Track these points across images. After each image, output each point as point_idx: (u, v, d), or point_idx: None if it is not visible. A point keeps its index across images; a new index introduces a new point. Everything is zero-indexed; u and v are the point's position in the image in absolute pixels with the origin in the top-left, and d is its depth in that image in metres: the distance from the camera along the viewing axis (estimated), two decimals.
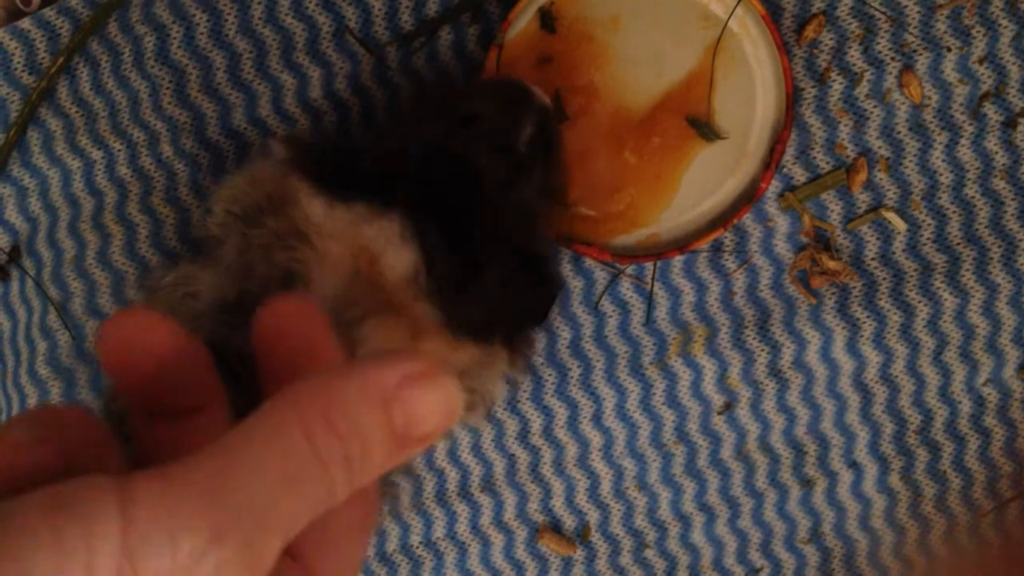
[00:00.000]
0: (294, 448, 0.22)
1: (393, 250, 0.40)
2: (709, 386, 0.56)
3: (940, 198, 0.54)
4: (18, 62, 0.57)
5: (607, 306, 0.56)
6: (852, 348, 0.55)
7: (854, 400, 0.55)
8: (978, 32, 0.52)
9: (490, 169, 0.44)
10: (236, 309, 0.41)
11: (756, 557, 0.57)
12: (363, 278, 0.41)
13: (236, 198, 0.43)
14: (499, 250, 0.44)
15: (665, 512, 0.57)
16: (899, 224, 0.54)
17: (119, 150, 0.56)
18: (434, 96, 0.52)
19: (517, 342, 0.46)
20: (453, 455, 0.58)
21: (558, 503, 0.58)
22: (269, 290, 0.40)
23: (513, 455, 0.57)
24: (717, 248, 0.55)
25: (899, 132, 0.54)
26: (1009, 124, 0.53)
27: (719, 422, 0.56)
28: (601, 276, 0.55)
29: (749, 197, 0.52)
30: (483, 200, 0.44)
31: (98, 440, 0.24)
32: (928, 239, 0.54)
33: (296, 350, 0.27)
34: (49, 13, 0.56)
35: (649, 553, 0.58)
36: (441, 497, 0.58)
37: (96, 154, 0.57)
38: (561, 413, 0.57)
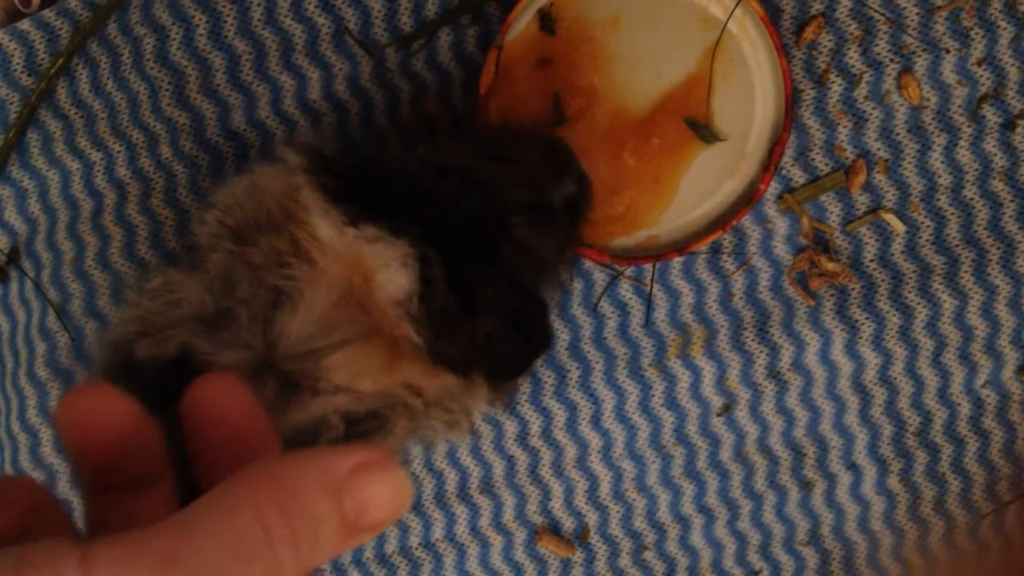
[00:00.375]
0: (245, 528, 0.23)
1: (390, 272, 0.40)
2: (708, 388, 0.56)
3: (939, 200, 0.54)
4: (17, 63, 0.57)
5: (606, 308, 0.56)
6: (851, 350, 0.55)
7: (853, 402, 0.55)
8: (977, 34, 0.53)
9: (520, 210, 0.44)
10: (214, 323, 0.40)
11: (755, 559, 0.57)
12: (352, 299, 0.40)
13: (231, 209, 0.43)
14: (498, 297, 0.43)
15: (664, 514, 0.57)
16: (898, 226, 0.54)
17: (118, 151, 0.56)
18: (469, 127, 0.51)
19: (498, 382, 0.46)
20: (452, 457, 0.58)
21: (557, 505, 0.58)
22: (251, 308, 0.40)
23: (512, 457, 0.57)
24: (716, 250, 0.55)
25: (898, 134, 0.54)
26: (1008, 126, 0.53)
27: (718, 424, 0.56)
28: (600, 278, 0.55)
29: (748, 199, 0.52)
30: (501, 240, 0.44)
31: (49, 507, 0.26)
32: (927, 241, 0.54)
33: (226, 432, 0.28)
34: (48, 14, 0.56)
35: (648, 555, 0.58)
36: (440, 499, 0.58)
37: (95, 155, 0.57)
38: (560, 415, 0.57)
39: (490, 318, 0.43)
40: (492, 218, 0.43)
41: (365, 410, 0.41)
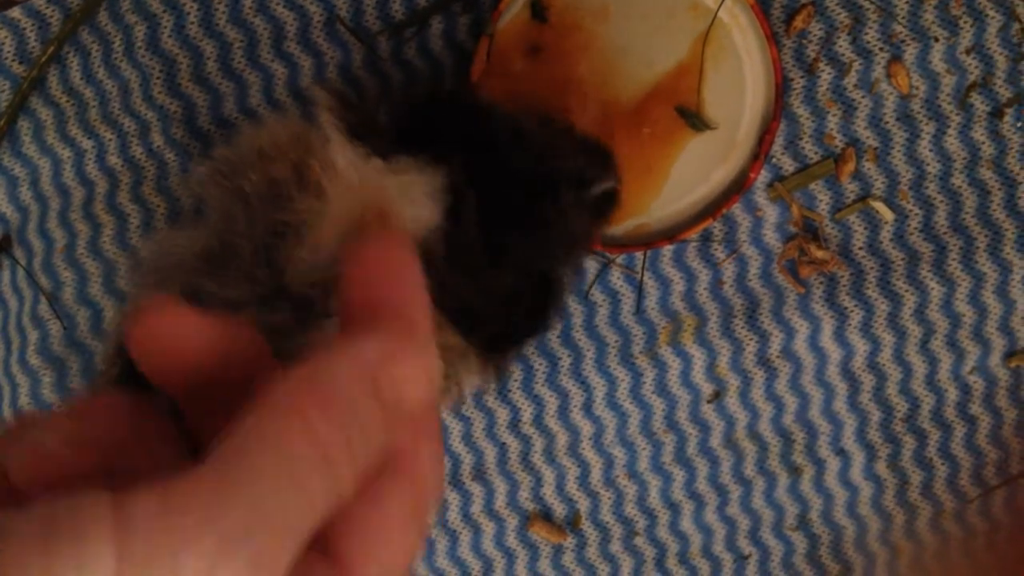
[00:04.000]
0: (296, 446, 0.20)
1: (416, 203, 0.39)
2: (698, 375, 0.56)
3: (927, 188, 0.54)
4: (8, 51, 0.57)
5: (597, 295, 0.56)
6: (840, 337, 0.55)
7: (841, 388, 0.56)
8: (965, 23, 0.53)
9: (571, 179, 0.43)
10: (218, 261, 0.39)
11: (744, 544, 0.58)
12: (363, 233, 0.39)
13: (227, 157, 0.42)
14: (529, 256, 0.43)
15: (655, 500, 0.58)
16: (886, 214, 0.55)
17: (110, 140, 0.56)
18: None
19: (496, 351, 0.45)
20: (444, 444, 0.58)
21: (549, 491, 0.58)
22: (252, 241, 0.39)
23: (504, 444, 0.58)
24: (706, 238, 0.55)
25: (887, 122, 0.54)
26: (996, 114, 0.54)
27: (708, 410, 0.57)
28: (591, 266, 0.56)
29: (738, 187, 0.52)
30: (545, 202, 0.43)
31: (147, 432, 0.23)
32: (915, 229, 0.55)
33: (225, 368, 0.24)
34: (39, 2, 0.56)
35: (639, 540, 0.58)
36: None
37: (87, 144, 0.57)
38: (552, 402, 0.57)
39: (514, 275, 0.42)
40: (539, 179, 0.43)
41: None
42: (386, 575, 0.23)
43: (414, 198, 0.39)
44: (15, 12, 0.56)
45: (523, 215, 0.43)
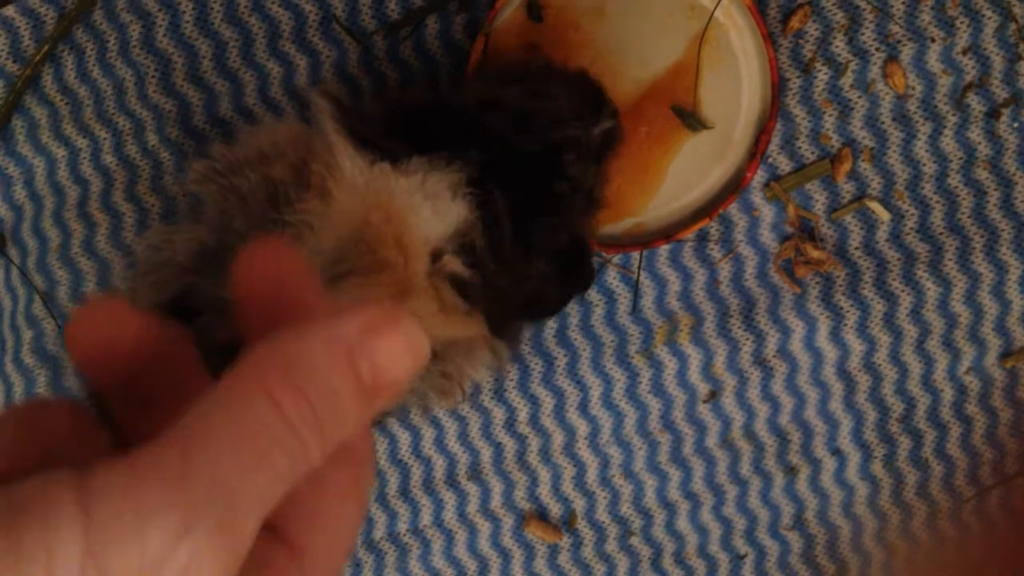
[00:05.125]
0: (261, 417, 0.20)
1: (437, 201, 0.39)
2: (694, 375, 0.56)
3: (923, 188, 0.54)
4: (2, 50, 0.56)
5: (593, 295, 0.56)
6: (836, 337, 0.55)
7: (837, 388, 0.56)
8: (962, 23, 0.53)
9: (572, 146, 0.44)
10: (215, 259, 0.39)
11: (740, 543, 0.58)
12: (366, 235, 0.40)
13: (224, 155, 0.42)
14: (552, 236, 0.43)
15: (651, 500, 0.58)
16: (883, 214, 0.55)
17: (104, 138, 0.56)
18: (506, 69, 0.50)
19: (507, 330, 0.45)
20: (440, 443, 0.58)
21: (544, 491, 0.58)
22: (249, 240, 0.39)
23: (500, 443, 0.58)
24: (703, 237, 0.55)
25: (883, 122, 0.54)
26: (992, 115, 0.54)
27: (704, 410, 0.57)
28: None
29: (735, 187, 0.52)
30: (553, 177, 0.43)
31: (82, 429, 0.23)
32: (911, 229, 0.55)
33: (278, 297, 0.25)
34: (34, 1, 0.56)
35: (635, 540, 0.58)
36: (428, 485, 0.58)
37: (82, 142, 0.56)
38: (548, 402, 0.57)
39: (542, 258, 0.42)
40: (542, 154, 0.43)
41: None
42: (333, 554, 0.23)
43: (433, 197, 0.39)
44: (9, 10, 0.56)
45: (538, 196, 0.43)
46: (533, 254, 0.42)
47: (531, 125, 0.43)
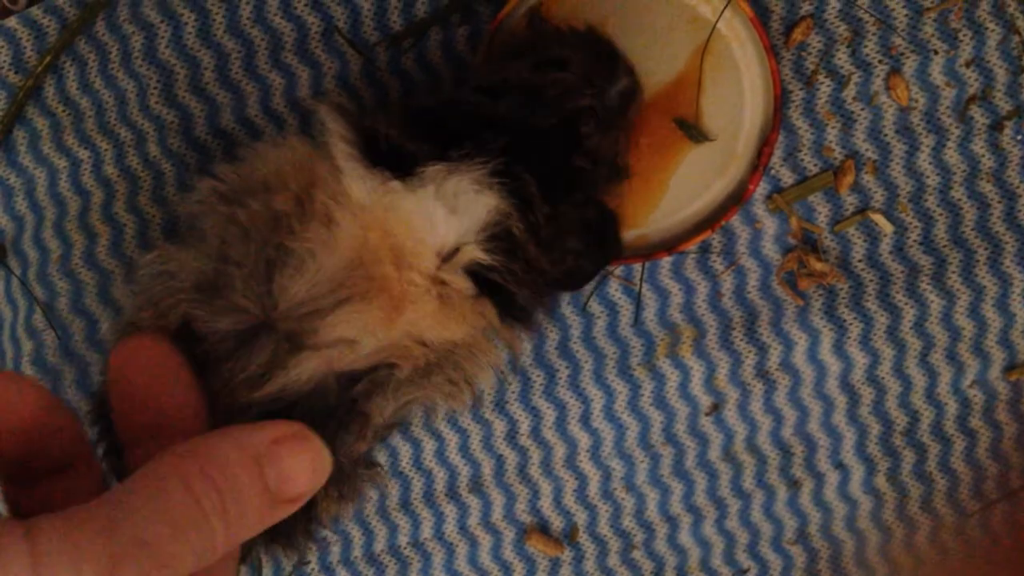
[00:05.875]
0: (177, 499, 0.25)
1: (461, 202, 0.39)
2: (697, 387, 0.56)
3: (927, 200, 0.54)
4: (4, 60, 0.56)
5: (595, 307, 0.56)
6: (839, 349, 0.55)
7: (841, 401, 0.56)
8: (965, 35, 0.53)
9: (587, 116, 0.43)
10: (211, 289, 0.39)
11: (743, 558, 0.57)
12: (364, 257, 0.39)
13: (227, 175, 0.42)
14: (579, 211, 0.43)
15: (653, 513, 0.57)
16: (886, 226, 0.54)
17: (106, 149, 0.56)
18: (513, 43, 0.50)
19: (519, 314, 0.44)
20: (441, 456, 0.58)
21: (546, 504, 0.58)
22: (245, 270, 0.39)
23: (501, 456, 0.57)
24: (705, 249, 0.55)
25: (886, 134, 0.54)
26: (995, 127, 0.53)
27: (707, 423, 0.56)
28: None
29: (737, 199, 0.52)
30: (572, 150, 0.43)
31: (61, 411, 0.28)
32: (915, 241, 0.54)
33: (149, 391, 0.30)
34: (36, 12, 0.56)
35: (637, 554, 0.58)
36: (429, 498, 0.58)
37: (83, 153, 0.56)
38: (549, 414, 0.57)
39: (573, 235, 0.42)
40: (559, 129, 0.43)
41: (367, 365, 0.40)
42: None
43: (452, 197, 0.39)
44: (12, 21, 0.56)
45: (560, 172, 0.42)
46: (564, 231, 0.42)
47: (542, 100, 0.43)
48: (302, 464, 0.27)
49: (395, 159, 0.40)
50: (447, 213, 0.39)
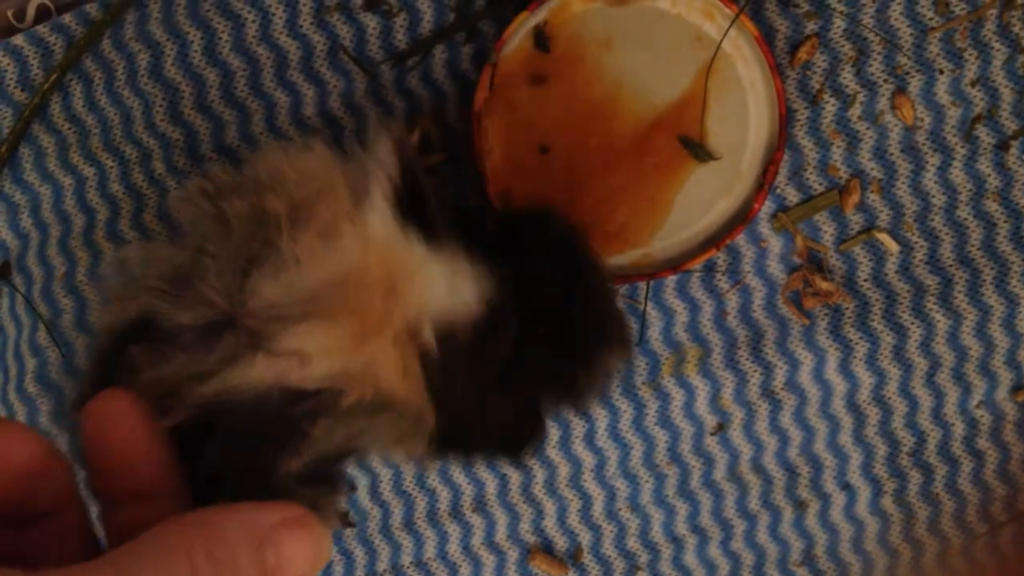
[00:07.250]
0: (179, 566, 0.25)
1: (458, 284, 0.39)
2: (702, 407, 0.56)
3: (932, 220, 0.54)
4: (11, 78, 0.57)
5: None
6: (845, 369, 0.55)
7: (847, 422, 0.55)
8: (970, 55, 0.53)
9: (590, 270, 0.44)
10: (181, 282, 0.38)
11: None
12: (351, 281, 0.38)
13: (217, 176, 0.41)
14: (538, 382, 0.42)
15: (657, 534, 0.57)
16: (892, 245, 0.54)
17: (111, 167, 0.56)
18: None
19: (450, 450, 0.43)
20: (444, 475, 0.57)
21: (550, 524, 0.57)
22: (220, 264, 0.38)
23: (505, 475, 0.57)
24: (710, 268, 0.55)
25: (892, 154, 0.54)
26: (1001, 147, 0.53)
27: (712, 443, 0.56)
28: None
29: (742, 217, 0.52)
30: (569, 308, 0.42)
31: (59, 466, 0.28)
32: (921, 261, 0.54)
33: (123, 449, 0.31)
34: (42, 30, 0.56)
35: (641, 575, 0.57)
36: (432, 517, 0.58)
37: (88, 171, 0.57)
38: (553, 433, 0.56)
39: (514, 405, 0.42)
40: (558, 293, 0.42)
41: (314, 387, 0.37)
42: None
43: (453, 276, 0.39)
44: (18, 39, 0.56)
45: (549, 327, 0.42)
46: (509, 392, 0.41)
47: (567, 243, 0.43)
48: (303, 550, 0.27)
49: (422, 224, 0.40)
50: (443, 288, 0.39)
